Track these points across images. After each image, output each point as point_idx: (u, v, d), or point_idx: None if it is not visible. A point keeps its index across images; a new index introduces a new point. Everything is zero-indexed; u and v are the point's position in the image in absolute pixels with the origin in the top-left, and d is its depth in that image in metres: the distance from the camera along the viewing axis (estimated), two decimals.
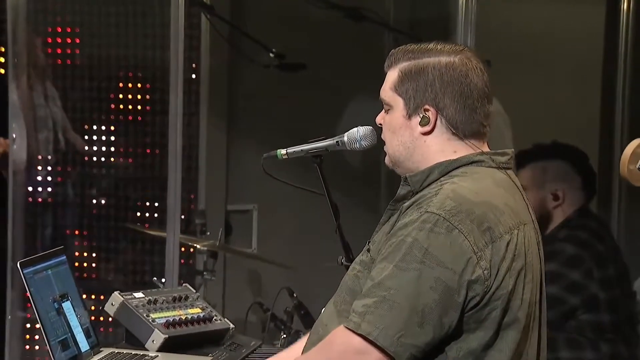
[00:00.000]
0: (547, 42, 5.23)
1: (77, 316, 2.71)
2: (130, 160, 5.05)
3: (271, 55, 4.88)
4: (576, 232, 3.86)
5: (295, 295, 4.30)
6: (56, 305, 2.65)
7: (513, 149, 2.36)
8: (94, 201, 5.02)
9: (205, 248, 4.42)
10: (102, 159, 5.01)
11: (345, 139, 2.60)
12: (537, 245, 2.29)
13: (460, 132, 2.26)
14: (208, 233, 4.85)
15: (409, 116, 2.27)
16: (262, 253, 5.23)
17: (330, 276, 2.70)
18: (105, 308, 2.89)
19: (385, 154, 2.38)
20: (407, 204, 2.22)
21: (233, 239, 5.30)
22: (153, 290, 3.02)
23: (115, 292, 2.91)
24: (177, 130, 3.97)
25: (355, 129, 2.60)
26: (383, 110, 2.36)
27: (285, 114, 5.25)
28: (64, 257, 2.79)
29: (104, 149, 5.04)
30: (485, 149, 2.31)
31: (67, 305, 2.69)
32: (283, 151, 2.68)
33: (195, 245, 4.50)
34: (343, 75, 5.25)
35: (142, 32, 4.88)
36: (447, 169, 2.26)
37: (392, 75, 2.30)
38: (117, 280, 4.94)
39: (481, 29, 3.99)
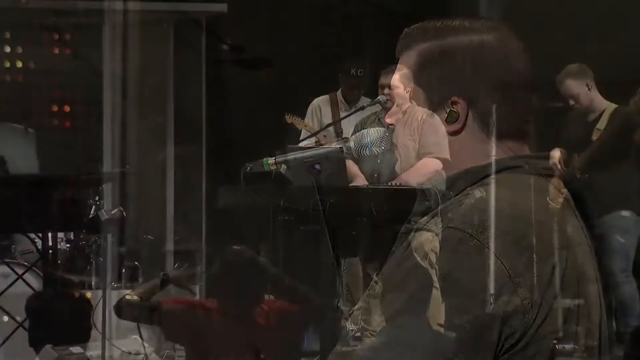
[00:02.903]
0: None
1: None
2: None
3: (225, 47, 4.90)
4: None
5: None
6: None
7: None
8: None
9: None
10: None
11: (352, 144, 2.59)
12: (595, 272, 2.31)
13: (496, 131, 2.29)
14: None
15: (432, 112, 2.23)
16: None
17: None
18: None
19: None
20: (424, 219, 2.22)
21: None
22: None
23: (47, 346, 2.85)
24: (112, 144, 3.90)
25: (365, 131, 2.59)
26: (395, 106, 2.28)
27: (243, 123, 5.27)
28: None
29: None
30: (526, 151, 2.32)
31: None
32: (271, 160, 2.66)
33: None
34: (319, 76, 5.28)
35: None
36: (474, 178, 2.24)
37: (407, 61, 2.23)
38: None
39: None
